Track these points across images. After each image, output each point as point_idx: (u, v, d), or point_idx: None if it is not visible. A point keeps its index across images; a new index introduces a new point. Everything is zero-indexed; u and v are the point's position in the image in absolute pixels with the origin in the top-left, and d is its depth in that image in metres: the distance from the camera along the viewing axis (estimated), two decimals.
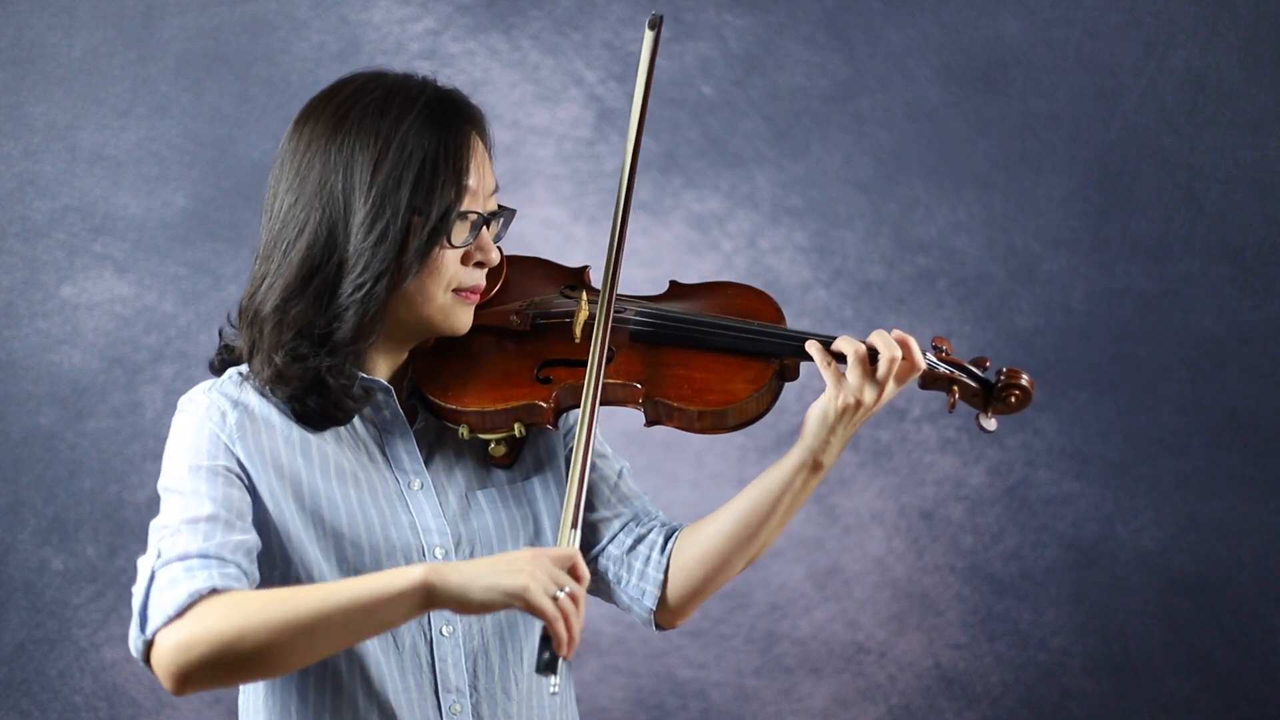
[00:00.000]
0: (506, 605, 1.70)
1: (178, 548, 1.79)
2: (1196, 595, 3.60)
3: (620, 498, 2.08)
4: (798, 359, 1.99)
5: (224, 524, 1.82)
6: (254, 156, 3.49)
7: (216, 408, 1.89)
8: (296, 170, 1.91)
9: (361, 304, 1.87)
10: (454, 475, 1.98)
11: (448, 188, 1.89)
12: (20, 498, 3.44)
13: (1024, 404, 1.98)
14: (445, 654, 1.93)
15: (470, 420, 1.96)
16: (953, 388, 1.98)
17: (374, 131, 1.88)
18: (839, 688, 3.62)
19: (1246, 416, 3.59)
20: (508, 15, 3.56)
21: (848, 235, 3.61)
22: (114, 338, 3.47)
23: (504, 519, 1.98)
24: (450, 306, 1.93)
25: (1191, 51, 3.58)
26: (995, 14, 3.58)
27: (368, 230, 1.86)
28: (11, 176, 3.46)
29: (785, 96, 3.60)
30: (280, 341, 1.88)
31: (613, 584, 2.07)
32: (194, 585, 1.75)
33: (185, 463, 1.86)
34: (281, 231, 1.89)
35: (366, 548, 1.90)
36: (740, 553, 2.01)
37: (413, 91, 1.91)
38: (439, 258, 1.90)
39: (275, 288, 1.88)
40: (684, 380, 1.96)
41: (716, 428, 1.97)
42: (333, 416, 1.92)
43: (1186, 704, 3.60)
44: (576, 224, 3.57)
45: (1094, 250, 3.59)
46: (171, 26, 3.48)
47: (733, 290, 2.08)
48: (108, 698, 3.47)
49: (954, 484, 3.61)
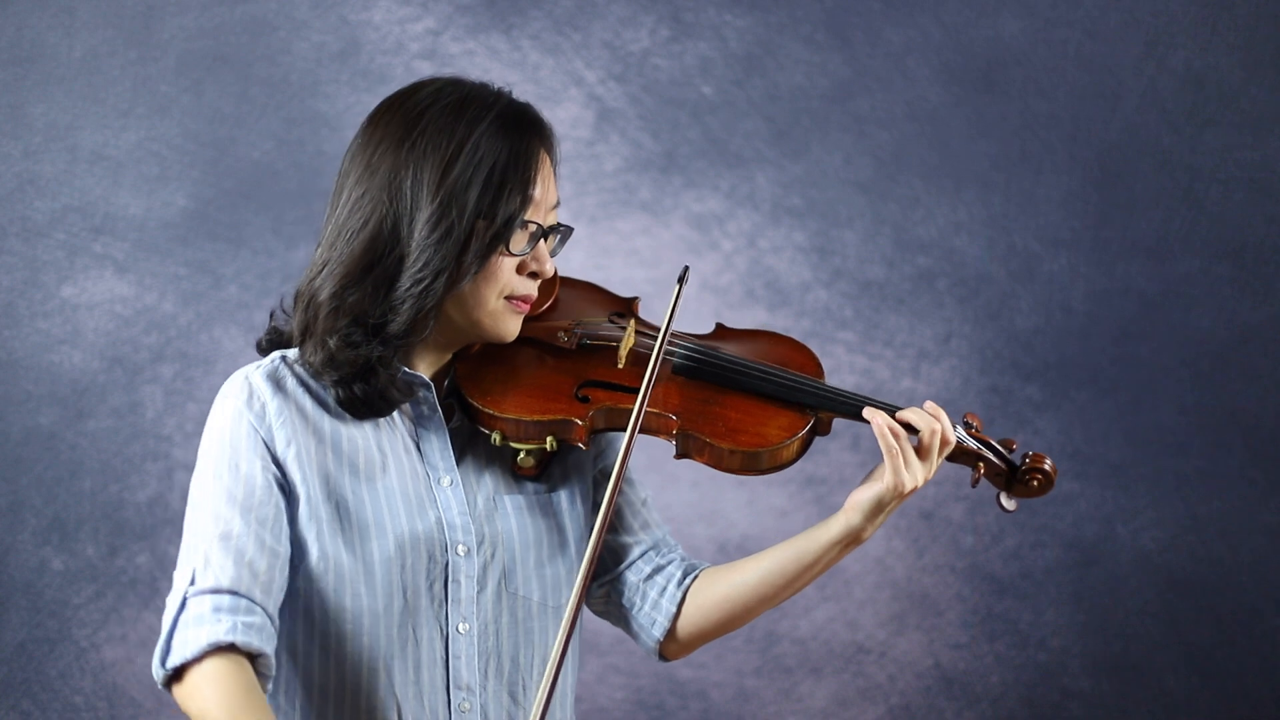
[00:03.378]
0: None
1: (210, 577, 1.86)
2: (1196, 595, 3.60)
3: (643, 525, 2.11)
4: (832, 414, 2.02)
5: (255, 541, 1.87)
6: (254, 156, 3.50)
7: (257, 397, 1.93)
8: (367, 164, 1.94)
9: (418, 299, 1.91)
10: (483, 478, 2.01)
11: (514, 195, 1.93)
12: (20, 498, 3.44)
13: (1045, 489, 2.05)
14: (459, 651, 1.95)
15: (505, 427, 1.99)
16: (978, 464, 2.04)
17: (448, 133, 1.93)
18: (839, 688, 3.62)
19: (1246, 416, 3.59)
20: (508, 15, 3.56)
21: (848, 235, 3.61)
22: (114, 338, 3.47)
23: (529, 526, 2.01)
24: (501, 313, 1.97)
25: (1191, 51, 3.58)
26: (995, 14, 3.58)
27: (432, 228, 1.91)
28: (11, 176, 3.46)
29: (785, 96, 3.60)
30: (335, 326, 1.92)
31: (625, 609, 2.10)
32: (216, 634, 1.82)
33: (223, 462, 1.90)
34: (347, 220, 1.94)
35: (391, 538, 1.93)
36: (761, 605, 2.05)
37: (488, 100, 1.96)
38: (496, 263, 1.94)
39: (335, 274, 1.93)
40: (720, 418, 2.00)
41: (745, 468, 1.99)
42: (375, 406, 1.95)
43: (1186, 704, 3.60)
44: (576, 224, 3.54)
45: (1094, 250, 3.59)
46: (171, 26, 3.48)
47: (776, 339, 2.12)
48: (108, 698, 3.47)
49: (954, 484, 3.61)
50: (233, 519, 1.88)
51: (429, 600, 1.94)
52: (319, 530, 1.91)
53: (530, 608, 1.99)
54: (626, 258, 3.57)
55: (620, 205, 3.60)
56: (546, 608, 2.00)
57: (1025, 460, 2.04)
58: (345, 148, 2.01)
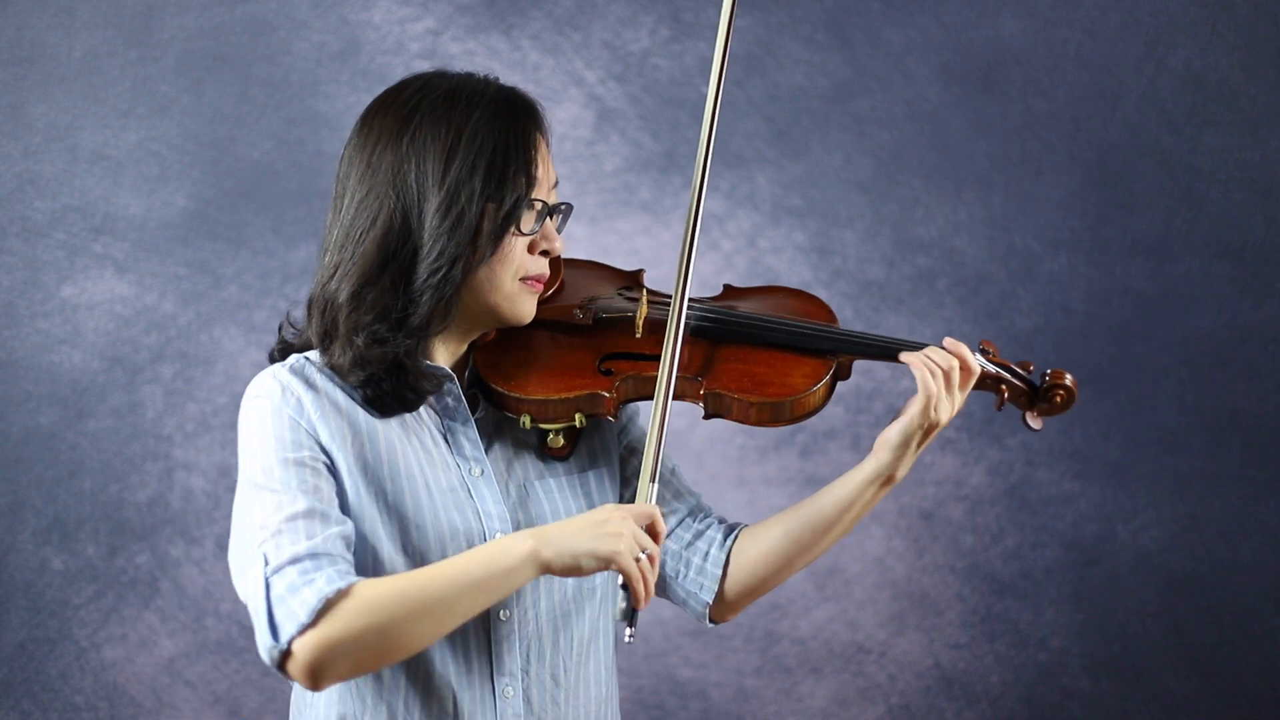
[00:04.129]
0: (598, 570, 1.83)
1: (284, 551, 1.84)
2: (1196, 595, 3.60)
3: (675, 493, 2.14)
4: (852, 357, 2.06)
5: (321, 517, 1.87)
6: (254, 156, 3.50)
7: (291, 392, 1.93)
8: (367, 163, 1.96)
9: (438, 288, 1.93)
10: (513, 465, 2.03)
11: (518, 176, 1.95)
12: (20, 498, 3.44)
13: (1068, 404, 2.10)
14: (502, 638, 1.97)
15: (532, 409, 2.01)
16: (1000, 387, 2.06)
17: (445, 123, 1.95)
18: (839, 688, 3.62)
19: (1246, 416, 3.59)
20: (508, 15, 3.56)
21: (848, 235, 3.61)
22: (114, 338, 3.47)
23: (560, 509, 2.03)
24: (517, 294, 1.99)
25: (1191, 51, 3.58)
26: (995, 14, 3.58)
27: (442, 216, 1.92)
28: (11, 176, 3.46)
29: (785, 96, 3.60)
30: (359, 325, 1.93)
31: (669, 577, 2.12)
32: (318, 590, 1.81)
33: (272, 456, 1.90)
34: (354, 222, 1.95)
35: (431, 532, 1.94)
36: (803, 556, 2.07)
37: (478, 87, 1.98)
38: (509, 245, 1.96)
39: (350, 275, 1.94)
40: (744, 374, 2.03)
41: (775, 419, 2.02)
42: (405, 401, 1.96)
43: (1186, 704, 3.60)
44: (576, 224, 3.57)
45: (1094, 250, 3.59)
46: (171, 26, 3.48)
47: (786, 293, 2.16)
48: (108, 697, 3.47)
49: (954, 484, 3.61)
50: (296, 501, 1.86)
51: None
52: (361, 520, 1.92)
53: (566, 590, 2.01)
54: (627, 258, 3.57)
55: (620, 205, 3.60)
56: (581, 590, 2.02)
57: (1045, 378, 2.08)
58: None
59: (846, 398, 3.60)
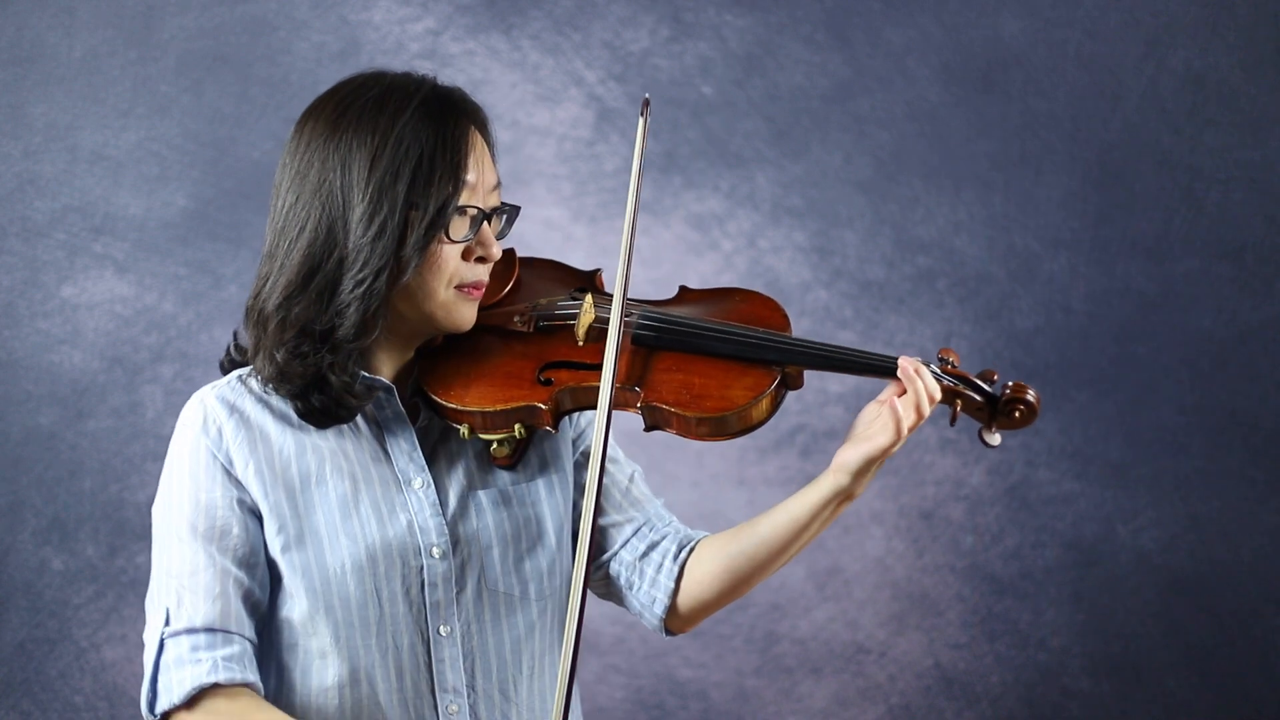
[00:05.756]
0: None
1: (184, 617, 1.86)
2: (1196, 595, 3.60)
3: (632, 502, 2.08)
4: (800, 367, 1.97)
5: (221, 574, 1.87)
6: (254, 156, 3.50)
7: (212, 420, 1.92)
8: (297, 169, 1.91)
9: (362, 300, 1.87)
10: (456, 474, 1.98)
11: (445, 182, 1.89)
12: (20, 498, 3.44)
13: (1028, 420, 1.95)
14: (443, 655, 1.94)
15: (472, 420, 1.95)
16: (955, 400, 1.96)
17: (371, 128, 1.89)
18: (839, 688, 3.62)
19: (1246, 416, 3.59)
20: (508, 15, 3.56)
21: (848, 235, 3.61)
22: (114, 338, 3.47)
23: (505, 519, 1.98)
24: (453, 303, 1.93)
25: (1191, 51, 3.58)
26: (995, 14, 3.58)
27: (366, 225, 1.87)
28: (11, 176, 3.46)
29: (785, 96, 3.60)
30: (282, 339, 1.89)
31: (624, 589, 2.07)
32: (197, 676, 1.84)
33: (185, 495, 1.91)
34: (284, 230, 1.90)
35: (362, 547, 1.91)
36: (759, 573, 2.02)
37: (410, 89, 1.92)
38: (439, 253, 1.90)
39: (278, 286, 1.89)
40: (683, 386, 1.94)
41: (716, 434, 1.94)
42: (335, 414, 1.92)
43: (1186, 704, 3.60)
44: (576, 224, 3.57)
45: (1094, 250, 3.59)
46: (171, 26, 3.48)
47: (740, 296, 2.05)
48: (108, 697, 3.47)
49: (954, 484, 3.61)
50: (198, 554, 1.88)
51: (406, 606, 1.93)
52: (286, 546, 1.90)
53: (513, 603, 1.97)
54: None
55: (620, 205, 3.60)
56: (529, 601, 1.98)
57: (1006, 391, 1.95)
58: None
59: (846, 397, 3.61)
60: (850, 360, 1.96)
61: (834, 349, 1.96)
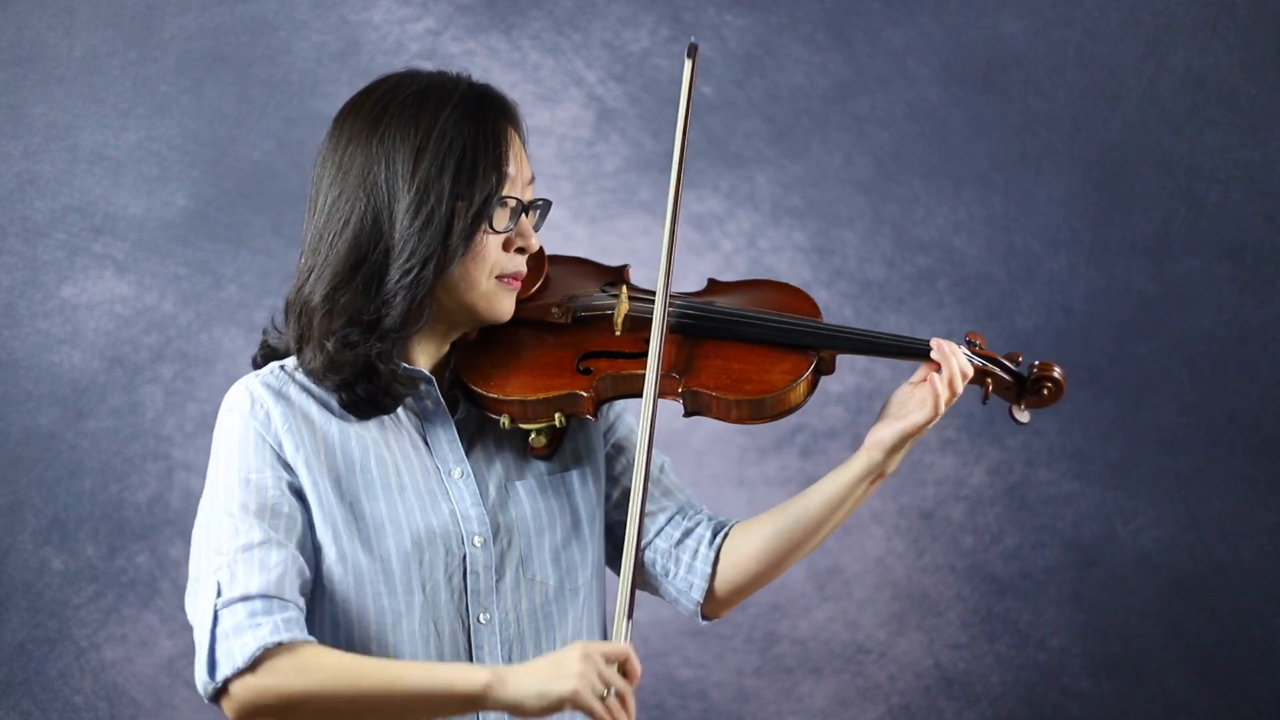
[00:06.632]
0: (560, 709, 1.82)
1: (238, 586, 1.85)
2: (1196, 595, 3.60)
3: (664, 491, 2.12)
4: (834, 352, 2.04)
5: (277, 547, 1.88)
6: (254, 156, 3.50)
7: (260, 405, 1.94)
8: (338, 165, 1.96)
9: (410, 289, 1.92)
10: (494, 465, 2.02)
11: (489, 173, 1.94)
12: (20, 498, 3.44)
13: (1056, 397, 2.07)
14: (482, 642, 1.97)
15: (512, 410, 2.00)
16: (986, 380, 2.04)
17: (414, 123, 1.94)
18: (839, 688, 3.62)
19: (1246, 416, 3.59)
20: (508, 15, 3.56)
21: (848, 235, 3.61)
22: (114, 338, 3.47)
23: (542, 509, 2.02)
24: (494, 293, 1.98)
25: (1191, 51, 3.58)
26: (995, 14, 3.58)
27: (413, 216, 1.92)
28: (11, 176, 3.46)
29: (785, 96, 3.60)
30: (331, 329, 1.93)
31: (659, 576, 2.11)
32: (260, 637, 1.83)
33: (234, 477, 1.91)
34: (327, 224, 1.95)
35: (407, 535, 1.94)
36: (794, 554, 2.07)
37: (447, 86, 1.98)
38: (482, 243, 1.95)
39: (324, 278, 1.94)
40: (722, 371, 2.01)
41: (754, 417, 2.00)
42: (380, 404, 1.96)
43: (1186, 704, 3.60)
44: (576, 224, 3.57)
45: (1094, 250, 3.59)
46: (171, 26, 3.48)
47: (771, 286, 2.13)
48: (108, 697, 3.47)
49: (954, 484, 3.61)
50: (252, 530, 1.88)
51: (448, 594, 1.96)
52: (334, 533, 1.92)
53: (548, 592, 2.01)
54: (626, 258, 3.57)
55: (620, 205, 3.60)
56: (564, 591, 2.02)
57: (1033, 370, 2.06)
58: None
59: (846, 397, 3.61)
60: (884, 343, 2.04)
61: (869, 333, 2.04)
